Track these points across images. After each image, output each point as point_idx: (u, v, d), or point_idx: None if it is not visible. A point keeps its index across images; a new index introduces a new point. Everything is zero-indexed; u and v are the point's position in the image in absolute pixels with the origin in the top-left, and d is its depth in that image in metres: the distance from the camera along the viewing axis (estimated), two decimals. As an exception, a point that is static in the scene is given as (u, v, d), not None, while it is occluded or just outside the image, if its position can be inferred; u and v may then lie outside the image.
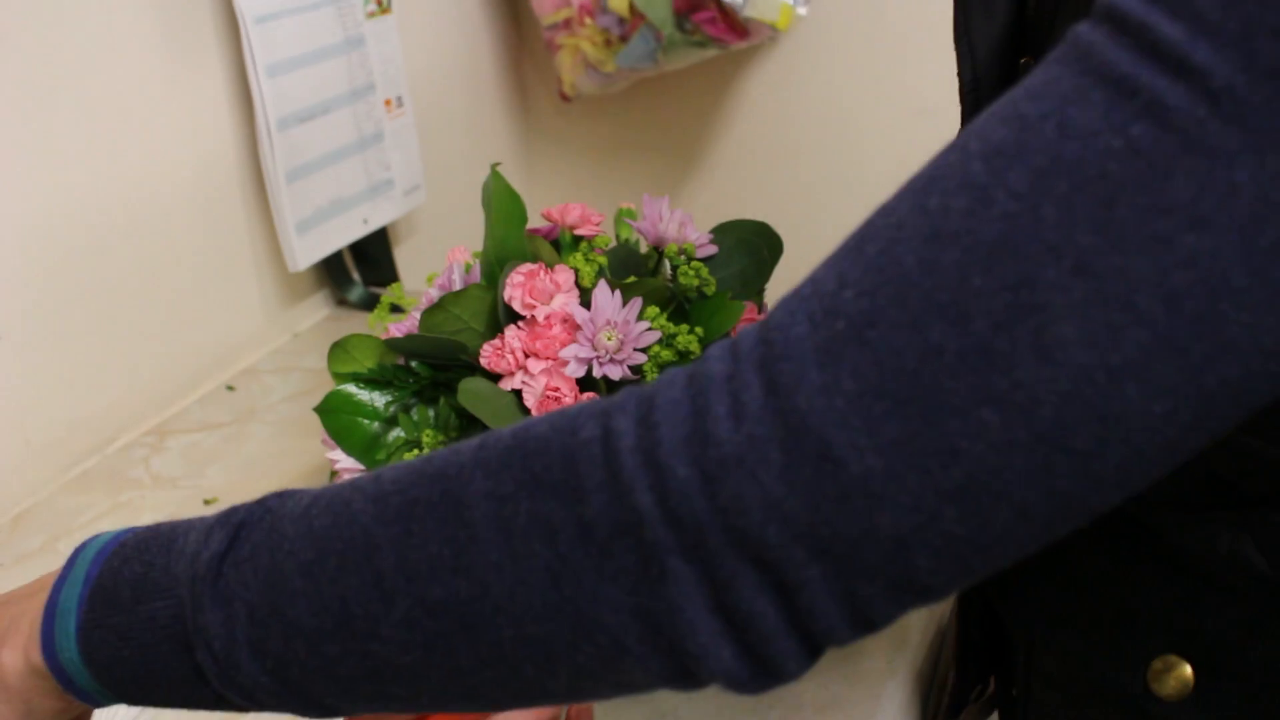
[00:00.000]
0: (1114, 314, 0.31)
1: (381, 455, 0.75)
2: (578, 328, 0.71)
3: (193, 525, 0.44)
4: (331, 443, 0.76)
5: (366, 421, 0.76)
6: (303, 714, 0.42)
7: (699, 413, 0.34)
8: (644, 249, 0.79)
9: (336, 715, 0.42)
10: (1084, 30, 0.33)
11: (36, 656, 0.45)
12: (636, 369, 0.70)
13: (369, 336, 0.80)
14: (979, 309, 0.32)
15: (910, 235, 0.33)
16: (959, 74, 0.58)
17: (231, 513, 0.43)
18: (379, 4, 1.22)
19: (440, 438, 0.73)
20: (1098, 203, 0.31)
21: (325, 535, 0.39)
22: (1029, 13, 0.55)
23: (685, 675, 0.36)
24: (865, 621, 0.35)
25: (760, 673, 0.35)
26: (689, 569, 0.34)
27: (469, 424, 0.73)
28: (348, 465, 0.76)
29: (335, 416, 0.76)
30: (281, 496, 0.43)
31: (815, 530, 0.33)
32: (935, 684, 0.76)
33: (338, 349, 0.79)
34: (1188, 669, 0.51)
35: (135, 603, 0.43)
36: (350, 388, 0.77)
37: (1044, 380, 0.31)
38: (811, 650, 0.35)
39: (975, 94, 0.57)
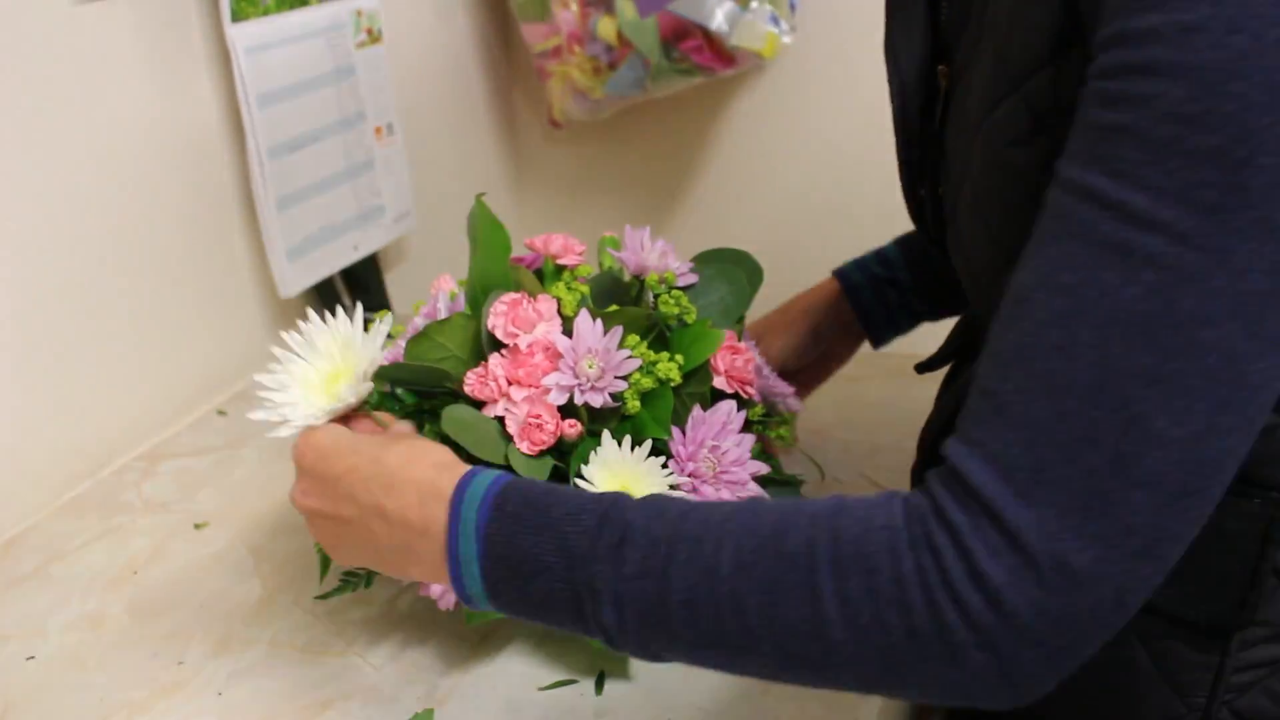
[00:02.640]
0: (1183, 400, 0.47)
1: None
2: (560, 356, 0.72)
3: (568, 515, 0.58)
4: (319, 469, 0.77)
5: (353, 448, 0.77)
6: (638, 657, 0.59)
7: (967, 554, 0.50)
8: (626, 278, 0.81)
9: (660, 662, 0.59)
10: (1070, 204, 0.49)
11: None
12: (617, 396, 0.72)
13: (356, 364, 0.81)
14: (1104, 430, 0.48)
15: (1034, 394, 0.49)
16: (889, 82, 0.73)
17: (605, 523, 0.57)
18: (369, 34, 1.24)
19: (425, 463, 0.74)
20: (1144, 333, 0.47)
21: (698, 587, 0.55)
22: (940, 29, 0.69)
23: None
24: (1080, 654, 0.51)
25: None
26: (980, 654, 0.50)
27: (453, 450, 0.74)
28: (335, 491, 0.77)
29: (323, 443, 0.77)
30: (636, 517, 0.57)
31: (1065, 610, 0.49)
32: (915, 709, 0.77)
33: (325, 376, 0.80)
34: None
35: (531, 578, 0.58)
36: (337, 414, 0.78)
37: (1161, 458, 0.48)
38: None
39: (902, 97, 0.72)
